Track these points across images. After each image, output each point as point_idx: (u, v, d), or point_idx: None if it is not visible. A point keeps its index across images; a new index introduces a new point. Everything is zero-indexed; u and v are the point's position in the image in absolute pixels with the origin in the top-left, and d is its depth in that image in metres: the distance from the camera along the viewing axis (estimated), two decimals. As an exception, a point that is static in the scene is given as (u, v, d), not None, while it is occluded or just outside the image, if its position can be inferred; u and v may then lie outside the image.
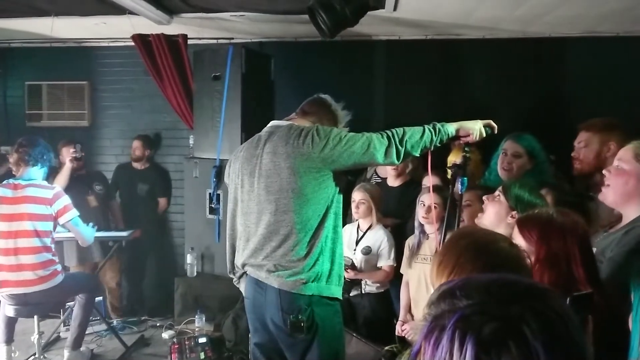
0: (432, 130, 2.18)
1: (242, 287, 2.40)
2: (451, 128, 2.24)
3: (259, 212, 2.22)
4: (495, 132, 2.35)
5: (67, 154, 4.42)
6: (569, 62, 4.82)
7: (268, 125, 2.33)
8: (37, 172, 3.43)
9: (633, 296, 1.54)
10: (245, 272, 2.34)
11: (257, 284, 2.25)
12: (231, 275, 2.48)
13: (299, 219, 2.13)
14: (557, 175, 3.22)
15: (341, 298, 2.28)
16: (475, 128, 2.27)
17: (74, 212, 3.46)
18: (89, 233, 3.60)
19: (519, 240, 1.59)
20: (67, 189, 4.29)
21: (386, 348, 2.98)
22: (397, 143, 2.11)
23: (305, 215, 2.13)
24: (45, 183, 3.45)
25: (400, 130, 2.15)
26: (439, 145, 2.23)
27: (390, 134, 2.13)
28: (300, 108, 2.40)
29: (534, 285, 0.76)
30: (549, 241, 1.53)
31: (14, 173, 3.46)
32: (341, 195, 2.24)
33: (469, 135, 2.28)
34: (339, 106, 2.42)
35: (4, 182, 3.39)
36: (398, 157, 2.12)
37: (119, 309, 4.81)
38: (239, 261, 2.36)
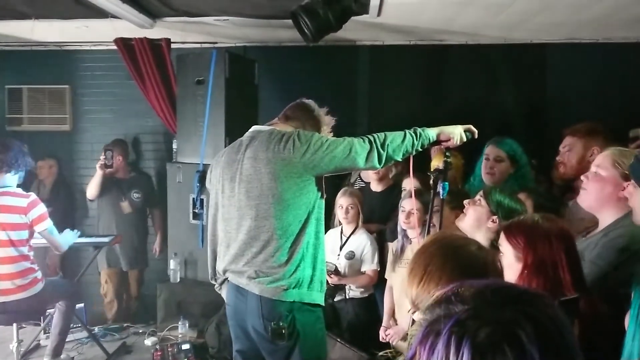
0: (413, 134, 2.19)
1: (224, 293, 2.38)
2: (432, 132, 2.25)
3: (239, 218, 2.21)
4: (476, 136, 2.37)
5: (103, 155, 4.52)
6: (550, 68, 4.89)
7: (249, 130, 2.32)
8: (10, 179, 3.32)
9: (633, 295, 1.57)
10: (226, 279, 2.32)
11: (238, 290, 2.24)
12: (213, 282, 2.46)
13: (280, 225, 2.12)
14: (538, 179, 3.26)
15: (323, 304, 2.27)
16: (456, 132, 2.29)
17: (49, 222, 3.39)
18: (63, 240, 3.52)
19: (505, 246, 1.61)
20: (101, 194, 4.60)
21: (380, 353, 2.97)
22: (379, 147, 2.11)
23: (286, 220, 2.12)
24: (19, 191, 3.35)
25: (381, 134, 2.15)
26: (420, 149, 2.24)
27: (371, 138, 2.13)
28: (283, 113, 2.40)
29: (527, 291, 0.77)
30: (536, 247, 1.54)
31: None
32: (323, 201, 2.23)
33: (449, 140, 2.30)
34: (322, 111, 2.41)
35: None
36: (380, 161, 2.13)
37: (130, 317, 4.77)
38: (220, 267, 2.34)
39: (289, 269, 2.13)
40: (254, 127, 2.32)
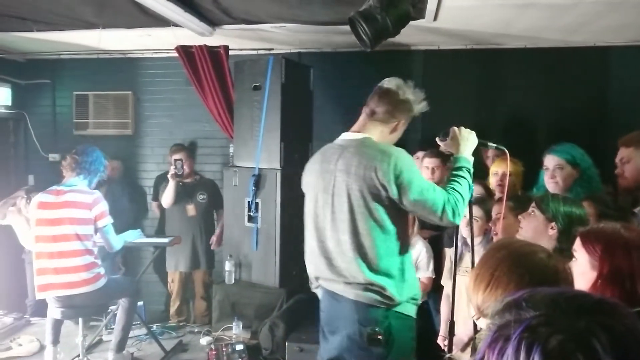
0: (468, 173, 2.19)
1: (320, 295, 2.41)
2: (470, 157, 2.25)
3: (331, 230, 2.21)
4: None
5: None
6: (614, 72, 4.71)
7: (340, 137, 2.30)
8: (80, 181, 3.50)
9: None
10: (320, 285, 2.34)
11: (332, 296, 2.25)
12: (311, 285, 2.48)
13: (367, 240, 2.12)
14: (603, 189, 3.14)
15: (414, 316, 2.24)
16: (469, 141, 2.28)
17: (108, 220, 3.53)
18: (116, 242, 3.66)
19: (580, 252, 1.55)
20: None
21: (448, 355, 2.94)
22: (459, 206, 2.10)
23: (374, 236, 2.12)
24: (86, 188, 3.51)
25: (458, 195, 2.11)
26: None
27: (453, 200, 2.09)
28: (369, 107, 2.28)
29: (603, 299, 0.75)
30: (613, 257, 1.48)
31: (63, 176, 3.57)
32: (409, 217, 2.21)
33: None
34: (408, 89, 2.29)
35: (49, 188, 3.51)
36: (459, 219, 2.13)
37: (206, 316, 4.91)
38: (312, 274, 2.36)
39: (379, 283, 2.11)
40: (345, 135, 2.29)
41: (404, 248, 2.18)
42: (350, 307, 2.14)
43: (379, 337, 2.09)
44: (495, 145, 2.35)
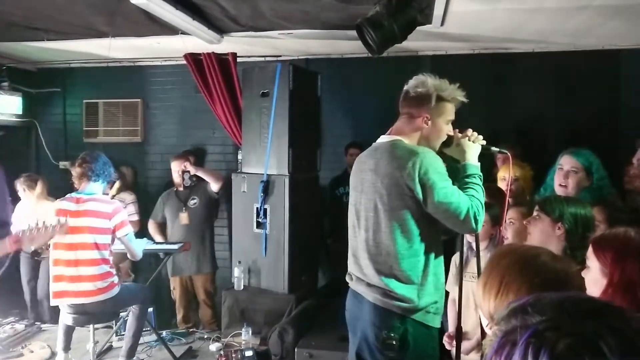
0: (480, 180, 2.18)
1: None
2: (476, 164, 2.23)
3: (357, 227, 2.25)
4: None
5: (177, 173, 4.69)
6: (624, 75, 4.68)
7: (377, 140, 2.31)
8: (97, 187, 3.54)
9: None
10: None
11: (355, 296, 2.26)
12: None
13: (390, 241, 2.11)
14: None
15: (436, 326, 2.20)
16: (474, 147, 2.27)
17: (129, 228, 3.56)
18: (139, 249, 3.70)
19: (592, 260, 1.53)
20: (166, 207, 4.84)
21: None
22: (481, 213, 2.10)
23: (395, 236, 2.10)
24: (105, 197, 3.56)
25: (477, 201, 2.10)
26: None
27: (476, 205, 2.09)
28: (403, 111, 2.27)
29: (608, 303, 0.75)
30: (624, 264, 1.45)
31: (75, 187, 3.59)
32: (440, 224, 2.15)
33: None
34: (440, 85, 2.24)
35: (67, 195, 3.53)
36: (479, 226, 2.12)
37: (213, 323, 4.91)
38: (349, 269, 2.36)
39: (402, 287, 2.10)
40: (380, 138, 2.29)
41: (429, 251, 2.14)
42: (369, 310, 2.14)
43: (393, 342, 2.07)
44: (497, 149, 2.35)
